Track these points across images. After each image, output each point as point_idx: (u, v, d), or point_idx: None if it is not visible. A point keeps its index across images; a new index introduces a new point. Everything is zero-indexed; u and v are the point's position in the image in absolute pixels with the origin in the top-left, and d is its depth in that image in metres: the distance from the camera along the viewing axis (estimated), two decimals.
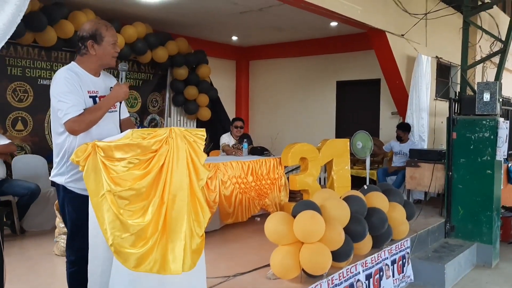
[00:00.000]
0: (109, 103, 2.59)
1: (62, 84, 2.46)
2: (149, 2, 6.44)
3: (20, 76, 6.22)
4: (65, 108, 2.41)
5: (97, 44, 2.57)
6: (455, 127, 5.86)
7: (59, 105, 2.43)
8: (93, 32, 2.57)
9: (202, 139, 2.60)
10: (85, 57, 2.61)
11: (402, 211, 4.48)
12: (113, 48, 2.63)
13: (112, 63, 2.69)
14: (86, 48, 2.58)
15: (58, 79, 2.49)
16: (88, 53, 2.59)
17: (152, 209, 2.32)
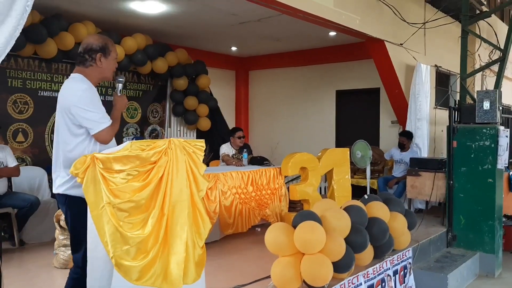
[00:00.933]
0: (118, 114, 2.70)
1: (89, 95, 2.54)
2: (149, 14, 6.47)
3: (20, 88, 6.24)
4: (98, 118, 2.49)
5: (105, 58, 2.67)
6: (455, 136, 5.85)
7: (89, 115, 2.48)
8: (102, 46, 2.67)
9: (201, 150, 2.60)
10: (90, 69, 2.66)
11: (403, 220, 4.45)
12: (115, 63, 2.76)
13: (111, 77, 2.80)
14: (93, 60, 2.65)
15: (82, 90, 2.54)
16: (94, 65, 2.66)
17: (152, 221, 2.31)
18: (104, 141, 2.52)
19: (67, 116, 2.53)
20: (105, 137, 2.52)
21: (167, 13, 6.43)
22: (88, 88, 2.56)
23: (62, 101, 2.57)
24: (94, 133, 2.49)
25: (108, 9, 6.24)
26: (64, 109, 2.54)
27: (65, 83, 2.66)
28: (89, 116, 2.48)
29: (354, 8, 6.07)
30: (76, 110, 2.49)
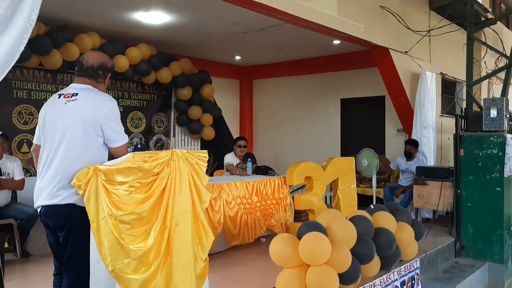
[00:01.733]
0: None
1: (117, 109, 2.64)
2: (153, 24, 6.49)
3: (25, 99, 6.26)
4: (123, 132, 2.60)
5: (109, 78, 2.79)
6: (462, 144, 5.79)
7: (118, 128, 2.58)
8: (112, 66, 2.78)
9: (204, 161, 2.57)
10: (99, 85, 2.72)
11: (410, 231, 4.38)
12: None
13: None
14: (104, 77, 2.73)
15: (114, 104, 2.62)
16: (102, 83, 2.72)
17: (154, 233, 2.28)
18: (122, 154, 2.55)
19: (91, 126, 2.50)
20: (124, 151, 2.57)
21: (171, 23, 6.44)
22: (115, 101, 2.64)
23: (85, 111, 2.52)
24: (118, 145, 2.55)
25: (113, 20, 6.27)
26: (88, 119, 2.50)
27: (83, 94, 2.59)
28: (117, 129, 2.56)
29: (358, 16, 6.06)
30: (107, 122, 2.52)
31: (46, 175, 2.49)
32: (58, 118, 2.56)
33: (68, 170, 2.45)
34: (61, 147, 2.50)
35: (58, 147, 2.51)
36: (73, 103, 2.55)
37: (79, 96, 2.57)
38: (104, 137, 2.53)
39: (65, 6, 5.66)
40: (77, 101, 2.55)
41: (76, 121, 2.50)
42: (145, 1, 5.50)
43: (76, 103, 2.54)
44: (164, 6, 5.72)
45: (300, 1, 5.06)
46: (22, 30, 2.75)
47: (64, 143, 2.50)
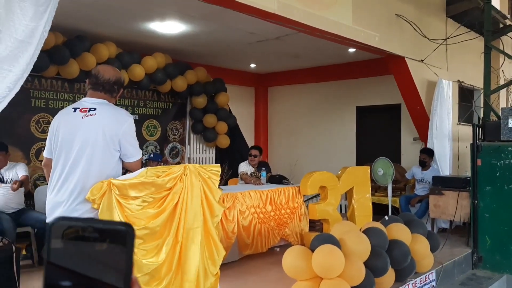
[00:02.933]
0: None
1: (134, 126, 2.68)
2: (169, 34, 6.56)
3: (43, 107, 6.37)
4: (138, 147, 2.65)
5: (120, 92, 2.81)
6: (479, 154, 5.71)
7: (135, 143, 2.62)
8: (123, 81, 2.83)
9: (217, 175, 2.59)
10: (111, 99, 2.75)
11: (426, 243, 4.33)
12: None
13: None
14: (118, 93, 2.77)
15: (131, 120, 2.67)
16: (116, 98, 2.77)
17: (166, 248, 2.29)
18: (136, 169, 2.58)
19: (111, 141, 2.53)
20: (138, 166, 2.59)
21: (186, 33, 6.50)
22: (132, 117, 2.69)
23: (106, 126, 2.54)
24: (134, 160, 2.56)
25: (129, 30, 6.35)
26: (108, 134, 2.52)
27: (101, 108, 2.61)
28: (134, 144, 2.60)
29: (373, 25, 6.03)
30: (126, 137, 2.56)
31: (62, 189, 2.49)
32: (75, 132, 2.55)
33: (87, 185, 2.46)
34: (81, 162, 2.50)
35: (76, 162, 2.51)
36: (92, 118, 2.55)
37: (97, 111, 2.58)
38: (121, 152, 2.56)
39: (82, 17, 5.76)
40: (96, 116, 2.56)
41: (96, 136, 2.51)
42: (161, 11, 5.56)
43: (96, 118, 2.55)
44: (180, 17, 5.78)
45: (314, 11, 5.06)
46: (38, 45, 2.82)
47: (84, 158, 2.50)
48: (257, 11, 4.46)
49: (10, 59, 2.63)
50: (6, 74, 2.61)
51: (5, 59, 2.62)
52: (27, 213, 5.03)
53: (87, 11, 5.52)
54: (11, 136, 5.96)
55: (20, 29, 2.69)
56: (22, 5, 2.69)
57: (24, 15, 2.70)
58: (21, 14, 2.69)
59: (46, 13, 2.81)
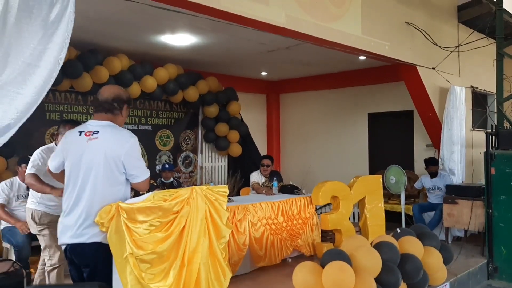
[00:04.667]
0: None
1: (138, 145, 2.70)
2: (180, 46, 6.62)
3: (58, 120, 6.47)
4: (144, 167, 2.66)
5: (127, 109, 2.82)
6: (493, 163, 5.63)
7: (139, 163, 2.65)
8: (128, 97, 2.83)
9: (224, 196, 2.61)
10: (116, 118, 2.76)
11: (438, 256, 4.28)
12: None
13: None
14: (121, 109, 2.76)
15: (134, 141, 2.68)
16: (119, 114, 2.76)
17: (174, 272, 2.32)
18: (144, 189, 2.62)
19: (114, 163, 2.55)
20: (146, 186, 2.62)
21: (197, 44, 6.55)
22: (136, 137, 2.70)
23: (107, 149, 2.57)
24: (140, 180, 2.59)
25: (141, 42, 6.43)
26: (110, 157, 2.56)
27: (103, 131, 2.65)
28: (139, 165, 2.62)
29: (383, 34, 6.00)
30: (128, 158, 2.58)
31: (71, 213, 2.55)
32: (81, 156, 2.60)
33: (94, 208, 2.49)
34: (87, 186, 2.54)
35: (83, 186, 2.55)
36: (95, 142, 2.59)
37: (100, 134, 2.62)
38: (126, 173, 2.59)
39: (95, 31, 5.85)
40: (99, 139, 2.60)
41: (99, 160, 2.55)
42: (172, 25, 5.62)
43: (98, 141, 2.59)
44: (190, 29, 5.83)
45: (323, 23, 5.06)
46: (51, 70, 2.86)
47: (90, 182, 2.54)
48: (266, 25, 4.48)
49: (18, 82, 2.66)
50: (14, 96, 2.64)
51: (12, 82, 2.65)
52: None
53: (100, 25, 5.61)
54: (26, 149, 6.05)
55: (28, 52, 2.72)
56: (30, 29, 2.73)
57: (32, 38, 2.73)
58: (29, 38, 2.73)
59: (56, 36, 2.85)
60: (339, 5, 5.34)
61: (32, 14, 2.68)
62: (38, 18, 2.70)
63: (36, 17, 2.70)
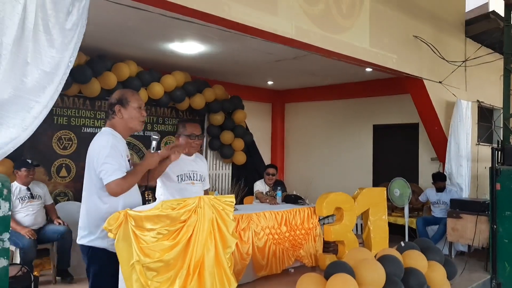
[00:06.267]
0: (142, 170, 2.68)
1: (107, 148, 2.60)
2: (188, 54, 6.67)
3: (65, 125, 6.53)
4: (110, 170, 2.53)
5: (124, 108, 2.75)
6: (498, 178, 5.62)
7: (104, 167, 2.54)
8: (119, 98, 2.78)
9: (231, 206, 2.62)
10: (114, 121, 2.77)
11: (442, 271, 4.27)
12: (138, 112, 2.78)
13: (139, 128, 2.83)
14: (114, 112, 2.76)
15: (102, 143, 2.63)
16: (116, 117, 2.76)
17: (180, 281, 2.33)
18: (113, 193, 2.52)
19: (93, 168, 2.62)
20: (114, 189, 2.51)
21: (205, 52, 6.60)
22: (109, 141, 2.63)
23: (88, 155, 2.69)
24: (105, 183, 2.53)
25: (149, 49, 6.48)
26: (89, 162, 2.65)
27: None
28: (104, 167, 2.54)
29: (391, 47, 6.03)
30: (97, 161, 2.58)
31: None
32: None
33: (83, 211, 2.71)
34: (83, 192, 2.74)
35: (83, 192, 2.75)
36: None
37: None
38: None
39: (105, 38, 5.91)
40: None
41: (86, 166, 2.70)
42: (181, 33, 5.67)
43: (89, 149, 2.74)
44: (199, 38, 5.88)
45: (331, 35, 5.10)
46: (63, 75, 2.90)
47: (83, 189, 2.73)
48: (274, 36, 4.52)
49: (37, 90, 2.71)
50: (33, 105, 2.70)
51: (32, 90, 2.70)
52: (44, 227, 5.19)
53: (110, 32, 5.66)
54: (33, 153, 6.13)
55: (47, 61, 2.77)
56: (49, 38, 2.78)
57: (51, 47, 2.78)
58: (48, 46, 2.77)
59: (71, 43, 2.89)
60: (347, 17, 5.38)
61: (49, 23, 2.73)
62: (56, 26, 2.75)
63: (54, 25, 2.74)
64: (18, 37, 2.66)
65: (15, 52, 2.65)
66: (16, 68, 2.65)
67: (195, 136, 3.64)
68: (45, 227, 5.21)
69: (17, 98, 2.65)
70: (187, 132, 3.62)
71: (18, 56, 2.67)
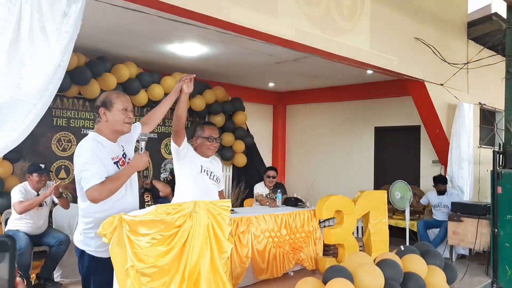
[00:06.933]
0: (128, 172, 2.59)
1: (85, 154, 2.54)
2: (188, 55, 6.65)
3: (65, 126, 6.51)
4: (88, 176, 2.46)
5: (108, 111, 2.68)
6: (499, 181, 5.58)
7: (82, 174, 2.49)
8: (103, 100, 2.72)
9: (227, 211, 2.60)
10: (99, 125, 2.71)
11: (442, 275, 4.23)
12: (123, 113, 2.69)
13: (125, 130, 2.74)
14: (99, 115, 2.70)
15: (81, 149, 2.57)
16: (101, 120, 2.70)
17: (174, 286, 2.31)
18: (91, 199, 2.46)
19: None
20: (91, 195, 2.44)
21: (205, 54, 6.58)
22: (88, 146, 2.56)
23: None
24: (84, 190, 2.47)
25: (149, 51, 6.47)
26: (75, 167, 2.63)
27: None
28: (83, 175, 2.48)
29: (392, 49, 5.99)
30: (76, 169, 2.53)
31: None
32: None
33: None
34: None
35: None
36: None
37: None
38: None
39: (104, 39, 5.90)
40: None
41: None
42: (181, 35, 5.65)
43: None
44: (199, 40, 5.86)
45: (332, 37, 5.07)
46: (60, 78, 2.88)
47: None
48: (275, 38, 4.50)
49: (36, 93, 2.70)
50: (31, 108, 2.69)
51: (31, 93, 2.69)
52: (48, 232, 5.12)
53: (109, 34, 5.65)
54: (33, 154, 6.11)
55: (44, 63, 2.76)
56: (45, 39, 2.76)
57: (47, 48, 2.77)
58: (44, 48, 2.76)
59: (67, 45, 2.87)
60: (348, 19, 5.35)
61: (46, 24, 2.71)
62: (52, 28, 2.73)
63: (50, 27, 2.73)
64: (14, 39, 2.64)
65: (11, 55, 2.63)
66: (12, 70, 2.64)
67: (213, 138, 3.60)
68: (48, 232, 5.12)
69: (13, 100, 2.64)
70: (205, 134, 3.58)
71: (14, 58, 2.66)
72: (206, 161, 3.59)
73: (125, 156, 2.73)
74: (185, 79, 3.02)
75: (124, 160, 2.68)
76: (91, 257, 2.53)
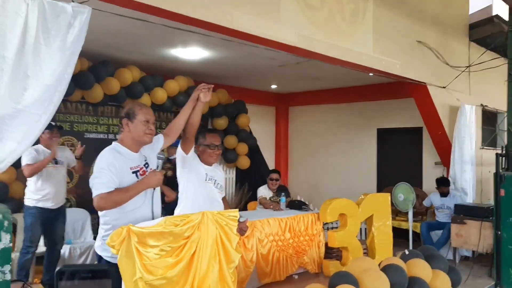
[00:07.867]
0: (138, 188, 2.62)
1: (101, 163, 2.61)
2: (191, 59, 6.66)
3: (68, 130, 6.52)
4: (97, 184, 2.54)
5: (131, 122, 2.74)
6: (502, 184, 5.58)
7: (94, 180, 2.57)
8: (127, 111, 2.78)
9: (235, 221, 2.62)
10: (122, 135, 2.77)
11: (447, 279, 4.23)
12: (144, 125, 2.75)
13: (147, 140, 2.79)
14: (122, 126, 2.76)
15: (99, 158, 2.65)
16: (124, 131, 2.75)
17: None
18: (96, 206, 2.53)
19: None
20: (97, 203, 2.51)
21: (208, 58, 6.59)
22: (105, 156, 2.64)
23: None
24: (93, 197, 2.54)
25: (152, 55, 6.48)
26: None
27: None
28: (94, 181, 2.56)
29: (394, 53, 6.01)
30: (91, 177, 2.61)
31: None
32: None
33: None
34: None
35: None
36: None
37: None
38: None
39: (107, 44, 5.91)
40: None
41: None
42: (184, 39, 5.66)
43: None
44: (202, 44, 5.87)
45: (335, 42, 5.08)
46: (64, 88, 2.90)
47: None
48: (278, 44, 4.51)
49: (39, 104, 2.71)
50: (37, 118, 2.71)
51: (34, 104, 2.70)
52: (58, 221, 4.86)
53: (112, 39, 5.66)
54: None
55: (48, 74, 2.77)
56: (49, 50, 2.77)
57: (51, 59, 2.78)
58: (48, 59, 2.77)
59: (72, 55, 2.89)
60: (350, 24, 5.36)
61: (50, 35, 2.72)
62: (57, 39, 2.74)
63: (55, 38, 2.74)
64: (20, 50, 2.65)
65: (16, 66, 2.65)
66: (17, 82, 2.65)
67: (215, 146, 3.59)
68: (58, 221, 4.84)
69: (17, 111, 2.65)
70: (206, 142, 3.57)
71: (18, 69, 2.67)
72: (210, 169, 3.60)
73: (147, 166, 2.77)
74: (203, 88, 3.04)
75: (145, 170, 2.72)
76: (107, 263, 2.59)
